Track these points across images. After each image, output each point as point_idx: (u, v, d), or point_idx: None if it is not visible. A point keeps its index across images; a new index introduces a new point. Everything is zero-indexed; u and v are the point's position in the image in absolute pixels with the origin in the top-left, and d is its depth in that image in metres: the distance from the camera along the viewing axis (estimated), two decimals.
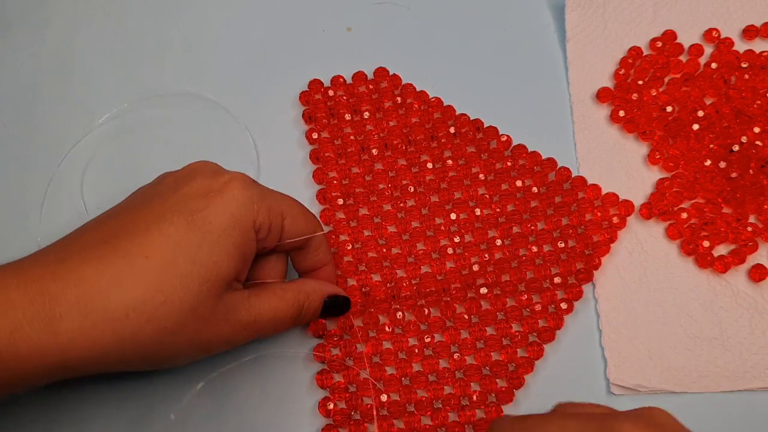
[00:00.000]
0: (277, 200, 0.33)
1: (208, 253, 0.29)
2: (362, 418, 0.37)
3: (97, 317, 0.27)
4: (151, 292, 0.28)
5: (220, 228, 0.30)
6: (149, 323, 0.28)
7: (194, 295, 0.29)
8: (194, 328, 0.30)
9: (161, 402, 0.37)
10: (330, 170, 0.42)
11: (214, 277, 0.29)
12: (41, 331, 0.27)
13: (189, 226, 0.29)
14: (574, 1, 0.45)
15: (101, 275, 0.28)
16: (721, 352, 0.38)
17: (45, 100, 0.44)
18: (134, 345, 0.28)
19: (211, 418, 0.37)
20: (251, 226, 0.31)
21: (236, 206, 0.30)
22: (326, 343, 0.38)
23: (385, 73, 0.44)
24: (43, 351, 0.27)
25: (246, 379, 0.38)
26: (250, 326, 0.32)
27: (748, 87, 0.43)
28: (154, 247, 0.28)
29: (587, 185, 0.41)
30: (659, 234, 0.41)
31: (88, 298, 0.27)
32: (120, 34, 0.46)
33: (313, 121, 0.43)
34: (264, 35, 0.46)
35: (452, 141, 0.42)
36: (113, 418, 0.37)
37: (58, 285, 0.27)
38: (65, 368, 0.28)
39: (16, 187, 0.42)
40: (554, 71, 0.45)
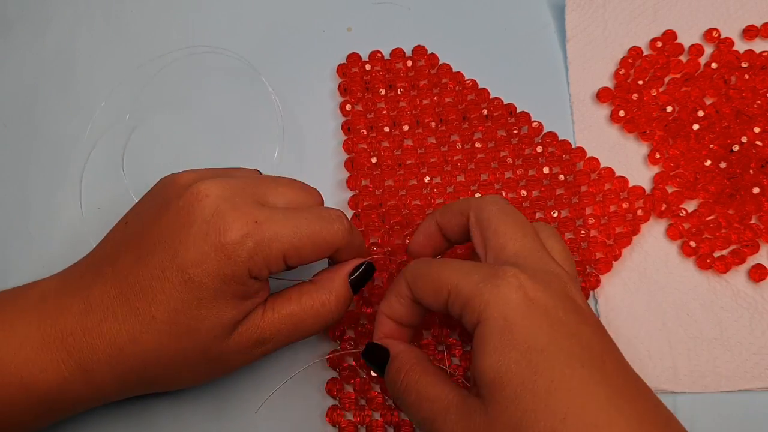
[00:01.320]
0: (278, 245, 0.30)
1: (207, 308, 0.30)
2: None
3: (122, 369, 0.31)
4: (164, 348, 0.31)
5: (214, 288, 0.30)
6: (166, 370, 0.31)
7: (202, 344, 0.31)
8: (210, 366, 0.32)
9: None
10: (360, 142, 0.42)
11: (218, 326, 0.31)
12: (80, 383, 0.31)
13: (186, 285, 0.30)
14: (574, 1, 0.45)
15: (120, 332, 0.30)
16: (721, 352, 0.38)
17: (45, 100, 0.44)
18: (156, 385, 0.33)
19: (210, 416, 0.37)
20: (247, 277, 0.30)
21: (229, 266, 0.29)
22: (340, 350, 0.38)
23: (423, 51, 0.44)
24: (84, 397, 0.31)
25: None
26: (268, 342, 0.32)
27: (748, 87, 0.43)
28: (158, 308, 0.30)
29: (615, 177, 0.41)
30: (659, 234, 0.41)
31: (113, 355, 0.30)
32: (121, 34, 0.46)
33: (348, 93, 0.43)
34: (263, 34, 0.46)
35: (484, 123, 0.42)
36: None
37: (88, 339, 0.30)
38: (98, 404, 0.33)
39: (17, 186, 0.42)
40: (554, 71, 0.45)
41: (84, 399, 0.32)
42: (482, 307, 0.28)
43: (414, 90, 0.43)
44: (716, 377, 0.38)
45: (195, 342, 0.31)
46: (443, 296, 0.30)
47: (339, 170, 0.42)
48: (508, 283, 0.28)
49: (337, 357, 0.38)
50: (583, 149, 0.42)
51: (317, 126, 0.44)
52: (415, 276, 0.32)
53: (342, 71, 0.44)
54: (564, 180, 0.41)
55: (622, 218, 0.40)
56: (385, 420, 0.37)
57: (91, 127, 0.43)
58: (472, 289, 0.28)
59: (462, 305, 0.29)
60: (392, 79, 0.43)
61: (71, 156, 0.43)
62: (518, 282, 0.28)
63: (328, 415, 0.37)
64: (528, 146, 0.42)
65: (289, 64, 0.45)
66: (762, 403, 0.38)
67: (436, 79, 0.43)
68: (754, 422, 0.38)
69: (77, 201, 0.42)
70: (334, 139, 0.43)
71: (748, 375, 0.38)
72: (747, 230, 0.40)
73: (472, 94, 0.43)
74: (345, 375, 0.37)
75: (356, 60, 0.44)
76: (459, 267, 0.30)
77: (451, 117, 0.42)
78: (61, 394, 0.31)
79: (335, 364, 0.38)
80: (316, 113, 0.44)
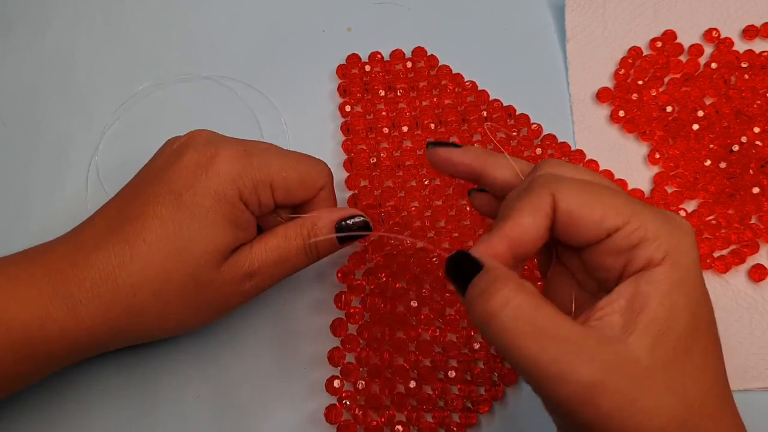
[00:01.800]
0: (266, 171, 0.32)
1: (199, 229, 0.31)
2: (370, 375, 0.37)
3: (109, 298, 0.30)
4: (153, 270, 0.30)
5: (206, 206, 0.31)
6: (156, 298, 0.31)
7: (193, 268, 0.31)
8: (199, 295, 0.32)
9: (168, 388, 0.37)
10: (359, 143, 0.42)
11: (209, 249, 0.31)
12: (66, 317, 0.30)
13: (178, 205, 0.31)
14: (574, 1, 0.45)
15: (108, 260, 0.30)
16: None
17: (46, 100, 0.44)
18: (146, 318, 0.31)
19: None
20: (238, 199, 0.32)
21: (220, 183, 0.31)
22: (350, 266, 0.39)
23: (423, 52, 0.44)
24: (69, 334, 0.30)
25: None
26: (256, 275, 0.33)
27: (748, 87, 0.43)
28: (149, 231, 0.31)
29: (614, 179, 0.41)
30: None
31: (100, 282, 0.30)
32: (121, 34, 0.46)
33: (347, 94, 0.43)
34: (264, 35, 0.46)
35: (483, 125, 0.42)
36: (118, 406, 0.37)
37: (75, 272, 0.30)
38: (87, 348, 0.32)
39: (17, 186, 0.42)
40: (554, 71, 0.45)
41: (69, 338, 0.30)
42: (671, 250, 0.25)
43: (413, 91, 0.43)
44: None
45: (185, 265, 0.31)
46: (614, 223, 0.25)
47: (338, 171, 0.42)
48: (692, 235, 0.26)
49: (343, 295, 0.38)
50: (582, 152, 0.42)
51: (317, 126, 0.43)
52: (574, 193, 0.26)
53: (341, 72, 0.44)
54: None
55: None
56: (386, 422, 0.37)
57: (94, 129, 0.43)
58: (661, 228, 0.25)
59: (640, 240, 0.25)
60: (392, 81, 0.43)
61: (71, 156, 0.43)
62: (694, 237, 0.26)
63: (326, 415, 0.37)
64: (527, 148, 0.42)
65: (289, 64, 0.45)
66: (762, 403, 0.38)
67: (436, 80, 0.43)
68: (754, 422, 0.38)
69: (77, 201, 0.42)
70: (332, 140, 0.43)
71: (748, 375, 0.38)
72: (747, 230, 0.40)
73: (471, 96, 0.43)
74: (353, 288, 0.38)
75: (356, 61, 0.44)
76: (633, 199, 0.26)
77: (450, 118, 0.42)
78: (44, 331, 0.30)
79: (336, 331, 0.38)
80: (316, 114, 0.44)
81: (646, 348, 0.24)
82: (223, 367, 0.38)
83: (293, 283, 0.40)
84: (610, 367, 0.23)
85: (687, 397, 0.24)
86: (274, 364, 0.38)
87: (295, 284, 0.40)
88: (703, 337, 0.25)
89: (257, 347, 0.39)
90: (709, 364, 0.25)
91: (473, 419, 0.37)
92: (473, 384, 0.37)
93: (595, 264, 0.26)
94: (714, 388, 0.25)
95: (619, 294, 0.25)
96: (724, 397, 0.25)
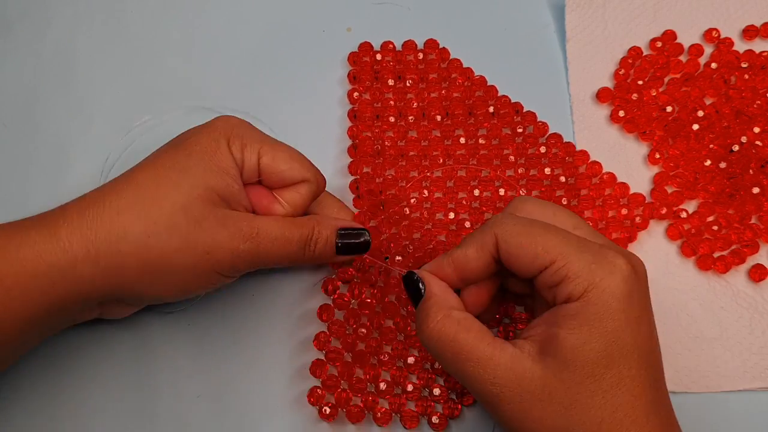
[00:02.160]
0: (257, 140, 0.34)
1: (194, 166, 0.32)
2: (354, 360, 0.37)
3: (92, 217, 0.31)
4: (143, 193, 0.31)
5: (201, 150, 0.33)
6: (140, 219, 0.31)
7: (184, 195, 0.31)
8: (188, 227, 0.31)
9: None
10: (365, 130, 0.42)
11: (202, 184, 0.32)
12: (45, 239, 0.30)
13: (177, 149, 0.33)
14: (574, 1, 0.45)
15: (100, 192, 0.32)
16: (721, 352, 0.38)
17: (45, 100, 0.44)
18: (128, 245, 0.31)
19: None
20: (226, 147, 0.33)
21: (215, 134, 0.33)
22: (336, 277, 0.39)
23: (435, 44, 0.44)
24: (46, 258, 0.30)
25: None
26: (252, 238, 0.33)
27: (748, 87, 0.43)
28: (145, 167, 0.33)
29: (616, 182, 0.41)
30: (659, 234, 0.41)
31: (87, 206, 0.31)
32: (120, 34, 0.46)
33: (357, 81, 0.43)
34: (264, 35, 0.46)
35: (489, 120, 0.42)
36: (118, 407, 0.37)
37: (65, 207, 0.32)
38: (67, 282, 0.31)
39: (17, 186, 0.42)
40: (554, 71, 0.45)
41: (46, 262, 0.30)
42: (589, 288, 0.28)
43: (423, 83, 0.43)
44: (716, 377, 0.38)
45: (176, 192, 0.31)
46: (542, 262, 0.29)
47: (342, 156, 0.42)
48: (619, 273, 0.28)
49: (330, 281, 0.39)
50: (586, 152, 0.42)
51: (317, 126, 0.43)
52: (512, 233, 0.30)
53: (353, 59, 0.44)
54: (565, 182, 0.41)
55: (619, 224, 0.40)
56: (366, 405, 0.37)
57: (94, 129, 0.43)
58: (583, 268, 0.28)
59: (563, 278, 0.29)
60: (402, 71, 0.43)
61: (71, 156, 0.43)
62: (624, 274, 0.28)
63: (309, 396, 0.37)
64: (532, 146, 0.42)
65: (289, 64, 0.45)
66: (762, 403, 0.38)
67: (446, 73, 0.43)
68: (754, 422, 0.38)
69: None
70: (339, 127, 0.43)
71: (748, 375, 0.38)
72: (747, 230, 0.40)
73: (480, 91, 0.43)
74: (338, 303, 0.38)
75: (368, 49, 0.44)
76: (566, 238, 0.29)
77: (457, 111, 0.42)
78: (20, 254, 0.30)
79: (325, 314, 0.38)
80: (316, 114, 0.44)
81: (552, 370, 0.28)
82: (223, 367, 0.38)
83: (293, 286, 0.40)
84: (511, 383, 0.28)
85: (584, 414, 0.28)
86: (273, 364, 0.38)
87: (295, 286, 0.40)
88: (619, 364, 0.28)
89: (257, 347, 0.39)
90: (620, 388, 0.28)
91: (456, 411, 0.37)
92: None
93: (538, 293, 0.31)
94: (618, 411, 0.27)
95: (543, 320, 0.30)
96: (633, 418, 0.28)
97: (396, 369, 0.37)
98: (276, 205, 0.35)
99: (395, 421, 0.37)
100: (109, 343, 0.38)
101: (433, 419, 0.36)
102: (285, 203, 0.35)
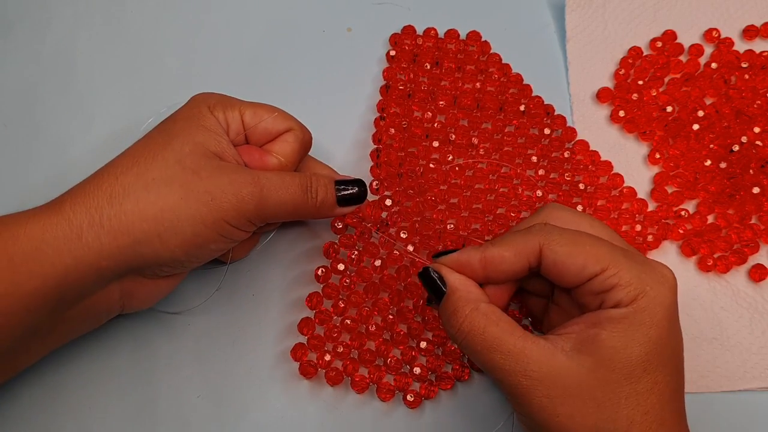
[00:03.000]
0: (237, 103, 0.36)
1: (181, 129, 0.33)
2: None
3: (92, 189, 0.31)
4: (136, 159, 0.32)
5: (185, 116, 0.34)
6: (138, 178, 0.32)
7: (176, 152, 0.32)
8: (186, 177, 0.32)
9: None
10: (395, 106, 0.42)
11: (191, 141, 0.33)
12: (50, 214, 0.31)
13: (162, 123, 0.34)
14: (574, 1, 0.45)
15: (100, 170, 0.33)
16: (721, 352, 0.38)
17: (46, 100, 0.44)
18: (129, 204, 0.31)
19: None
20: (207, 110, 0.34)
21: (194, 103, 0.35)
22: (339, 243, 0.39)
23: (477, 36, 0.44)
24: (51, 231, 0.30)
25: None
26: (254, 183, 0.33)
27: (748, 87, 0.43)
28: (138, 143, 0.34)
29: (635, 198, 0.41)
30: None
31: (87, 182, 0.32)
32: (120, 34, 0.46)
33: (394, 60, 0.43)
34: (265, 35, 0.46)
35: (519, 118, 0.42)
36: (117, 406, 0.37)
37: (67, 193, 0.32)
38: (77, 260, 0.31)
39: (17, 187, 0.42)
40: (554, 71, 0.45)
41: (52, 240, 0.30)
42: (640, 296, 0.29)
43: (459, 72, 0.43)
44: (716, 377, 0.38)
45: (167, 150, 0.32)
46: (593, 270, 0.29)
47: (369, 125, 0.43)
48: (668, 283, 0.30)
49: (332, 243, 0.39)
50: (610, 163, 0.42)
51: (326, 126, 0.43)
52: (560, 243, 0.30)
53: (394, 40, 0.44)
54: (583, 189, 0.41)
55: (631, 240, 0.40)
56: (345, 370, 0.37)
57: (94, 129, 0.43)
58: (634, 277, 0.29)
59: (614, 285, 0.29)
60: (441, 57, 0.43)
61: (71, 156, 0.43)
62: (671, 285, 0.30)
63: (291, 352, 0.37)
64: (557, 149, 0.42)
65: (290, 65, 0.45)
66: (762, 403, 0.38)
67: (484, 66, 0.43)
68: (754, 422, 0.38)
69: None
70: (370, 99, 0.43)
71: (748, 375, 0.38)
72: (747, 230, 0.40)
73: (515, 88, 0.43)
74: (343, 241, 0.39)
75: (411, 32, 0.44)
76: (613, 248, 0.30)
77: (488, 105, 0.42)
78: (28, 231, 0.30)
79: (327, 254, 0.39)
80: (319, 115, 0.44)
81: (587, 368, 0.28)
82: (223, 367, 0.38)
83: (294, 282, 0.40)
84: (544, 376, 0.28)
85: (616, 413, 0.28)
86: (274, 364, 0.38)
87: (295, 283, 0.40)
88: (656, 370, 0.29)
89: (257, 347, 0.39)
90: (653, 393, 0.28)
91: (433, 393, 0.37)
92: (442, 360, 0.38)
93: (579, 300, 0.31)
94: (650, 414, 0.28)
95: (582, 320, 0.30)
96: (661, 421, 0.28)
97: (381, 341, 0.38)
98: (268, 157, 0.36)
99: (371, 391, 0.37)
100: (109, 343, 0.38)
101: (407, 396, 0.37)
102: (277, 154, 0.36)
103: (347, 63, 0.45)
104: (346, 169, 0.42)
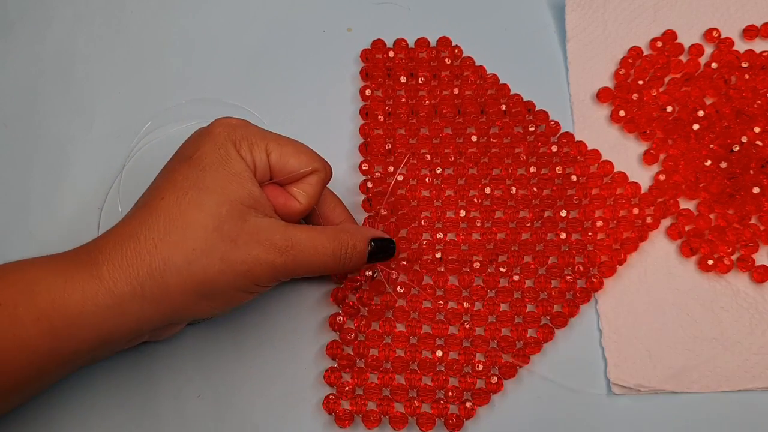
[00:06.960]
0: (262, 137, 0.34)
1: (212, 181, 0.32)
2: (367, 366, 0.38)
3: (132, 255, 0.31)
4: (173, 221, 0.31)
5: (213, 162, 0.33)
6: (177, 247, 0.31)
7: (213, 216, 0.32)
8: (224, 248, 0.32)
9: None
10: (377, 128, 0.42)
11: (226, 199, 0.32)
12: (89, 278, 0.30)
13: (189, 166, 0.33)
14: (574, 1, 0.45)
15: (129, 224, 0.32)
16: (721, 352, 0.38)
17: (46, 100, 0.44)
18: (170, 276, 0.31)
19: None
20: (233, 149, 0.33)
21: (220, 140, 0.33)
22: (345, 287, 0.39)
23: (447, 42, 0.44)
24: (90, 296, 0.30)
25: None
26: (287, 251, 0.33)
27: (748, 87, 0.43)
28: (165, 190, 0.32)
29: (627, 182, 0.41)
30: (659, 234, 0.41)
31: (122, 241, 0.31)
32: (121, 34, 0.46)
33: (369, 78, 0.44)
34: (265, 36, 0.46)
35: (501, 118, 0.42)
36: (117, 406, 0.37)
37: (98, 241, 0.32)
38: (113, 320, 0.31)
39: (17, 187, 0.42)
40: (554, 71, 0.45)
41: (92, 302, 0.30)
42: None
43: (435, 80, 0.43)
44: (716, 377, 0.38)
45: (203, 214, 0.31)
46: None
47: (354, 154, 0.43)
48: None
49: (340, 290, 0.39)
50: (598, 152, 0.42)
51: (318, 125, 0.44)
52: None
53: (365, 56, 0.44)
54: (576, 181, 0.41)
55: (630, 224, 0.40)
56: (381, 410, 0.37)
57: (94, 130, 0.43)
58: None
59: None
60: (414, 68, 0.43)
61: (71, 156, 0.43)
62: None
63: (324, 404, 0.37)
64: (543, 144, 0.42)
65: (290, 65, 0.45)
66: (762, 403, 0.38)
67: (458, 71, 0.44)
68: (754, 422, 0.38)
69: (78, 201, 0.42)
70: (351, 123, 0.43)
71: (748, 375, 0.38)
72: (747, 230, 0.40)
73: (492, 89, 0.43)
74: (347, 310, 0.39)
75: (381, 46, 0.44)
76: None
77: (469, 109, 0.42)
78: (66, 294, 0.30)
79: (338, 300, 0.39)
80: (321, 115, 0.44)
81: None
82: (223, 367, 0.38)
83: (294, 283, 0.40)
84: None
85: None
86: (274, 363, 0.38)
87: (295, 284, 0.40)
88: None
89: (257, 347, 0.39)
90: None
91: (472, 412, 0.37)
92: (474, 377, 0.37)
93: None
94: None
95: None
96: None
97: (409, 372, 0.37)
98: (292, 201, 0.35)
99: (411, 424, 0.37)
100: None
101: (449, 420, 0.37)
102: (300, 195, 0.36)
103: (347, 63, 0.45)
104: (346, 169, 0.42)
